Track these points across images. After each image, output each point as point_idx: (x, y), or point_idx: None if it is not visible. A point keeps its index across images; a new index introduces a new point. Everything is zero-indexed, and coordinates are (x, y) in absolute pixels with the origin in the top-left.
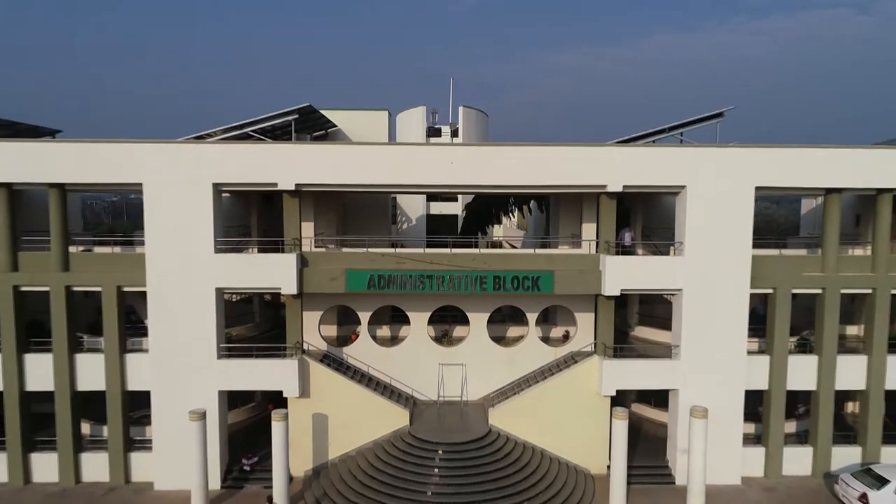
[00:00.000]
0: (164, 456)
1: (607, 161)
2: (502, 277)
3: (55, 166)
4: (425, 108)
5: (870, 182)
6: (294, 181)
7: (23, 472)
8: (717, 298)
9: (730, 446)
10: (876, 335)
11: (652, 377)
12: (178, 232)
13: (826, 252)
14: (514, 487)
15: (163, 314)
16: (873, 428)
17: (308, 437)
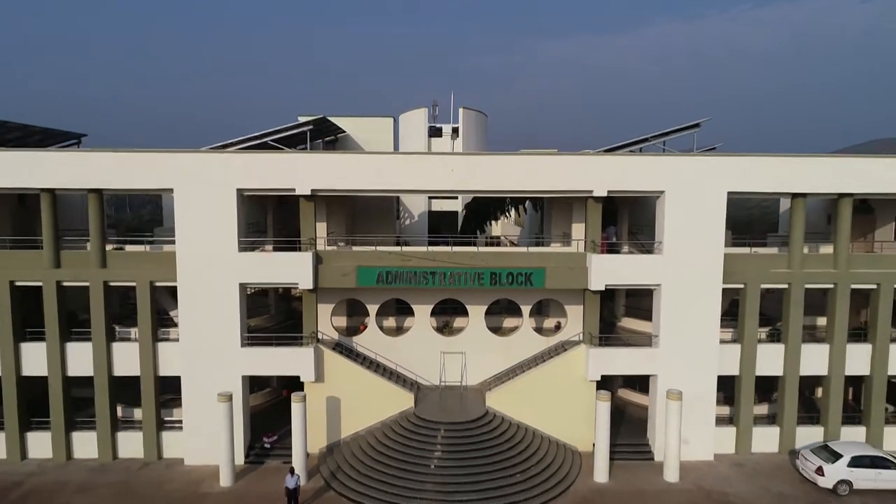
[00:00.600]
0: (193, 434)
1: (593, 169)
2: (498, 273)
3: (95, 173)
4: (427, 110)
5: (830, 188)
6: (310, 187)
7: (66, 449)
8: (692, 293)
9: (703, 426)
10: (837, 326)
11: (633, 364)
12: (206, 232)
13: (792, 251)
14: (508, 462)
15: (192, 307)
16: (834, 410)
17: (322, 417)
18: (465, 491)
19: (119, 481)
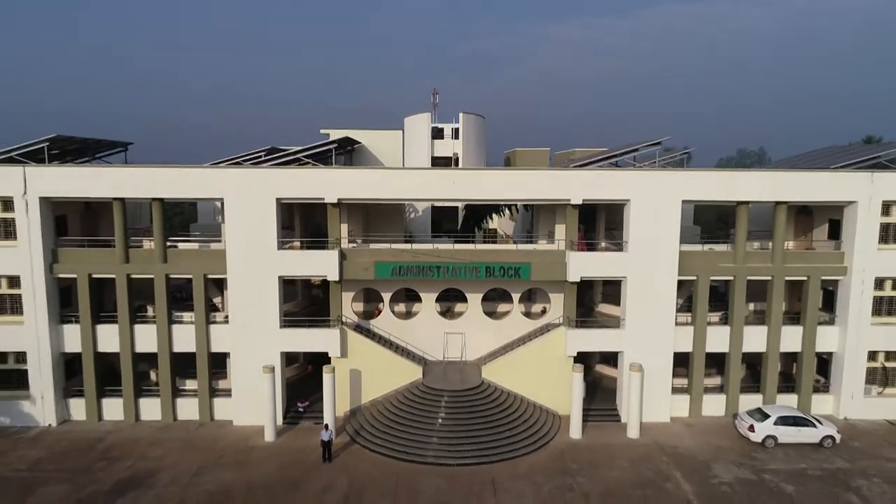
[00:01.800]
0: (241, 400)
1: (570, 182)
2: (492, 267)
3: (159, 185)
4: (429, 114)
5: (768, 197)
6: (336, 196)
7: (134, 412)
8: (653, 284)
9: (661, 394)
10: (773, 311)
11: (603, 342)
12: (250, 234)
13: (737, 248)
14: (500, 422)
15: (239, 295)
16: (770, 381)
17: (346, 386)
18: (464, 444)
19: (181, 437)
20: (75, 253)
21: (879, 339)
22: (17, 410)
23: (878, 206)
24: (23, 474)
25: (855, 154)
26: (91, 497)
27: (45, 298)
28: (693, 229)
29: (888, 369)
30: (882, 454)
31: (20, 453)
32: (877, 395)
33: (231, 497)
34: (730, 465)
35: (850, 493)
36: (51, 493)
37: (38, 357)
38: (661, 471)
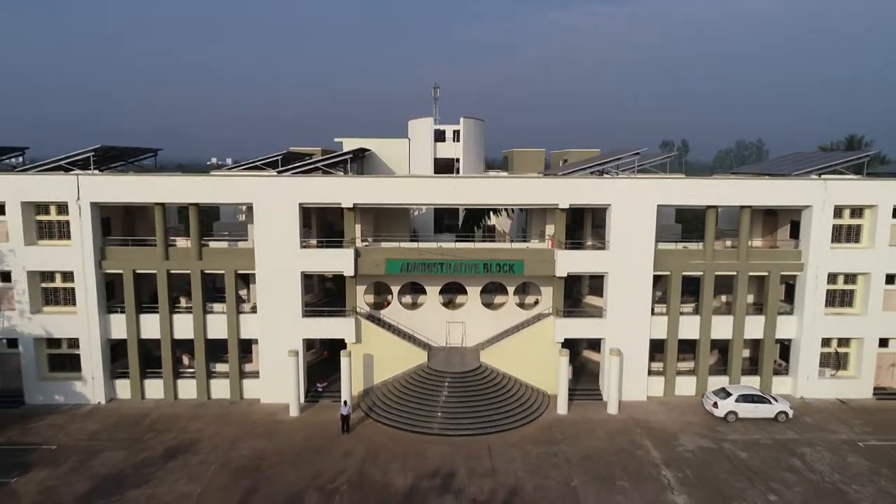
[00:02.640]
0: (267, 380)
1: (558, 188)
2: (489, 264)
3: (195, 192)
4: (432, 119)
5: (733, 202)
6: (352, 201)
7: (173, 391)
8: (631, 278)
9: (638, 376)
10: (738, 302)
11: (587, 330)
12: (276, 235)
13: (706, 247)
14: (495, 399)
15: (267, 288)
16: (735, 364)
17: (360, 368)
18: (465, 419)
19: (216, 413)
20: (121, 251)
21: (832, 327)
22: (70, 390)
23: (831, 209)
24: (84, 443)
25: (815, 161)
26: (145, 461)
27: (95, 291)
28: (674, 227)
29: (840, 354)
30: (829, 427)
31: (77, 426)
32: (829, 377)
33: (266, 460)
34: (694, 437)
35: (794, 458)
36: (111, 457)
37: (88, 343)
38: (634, 441)
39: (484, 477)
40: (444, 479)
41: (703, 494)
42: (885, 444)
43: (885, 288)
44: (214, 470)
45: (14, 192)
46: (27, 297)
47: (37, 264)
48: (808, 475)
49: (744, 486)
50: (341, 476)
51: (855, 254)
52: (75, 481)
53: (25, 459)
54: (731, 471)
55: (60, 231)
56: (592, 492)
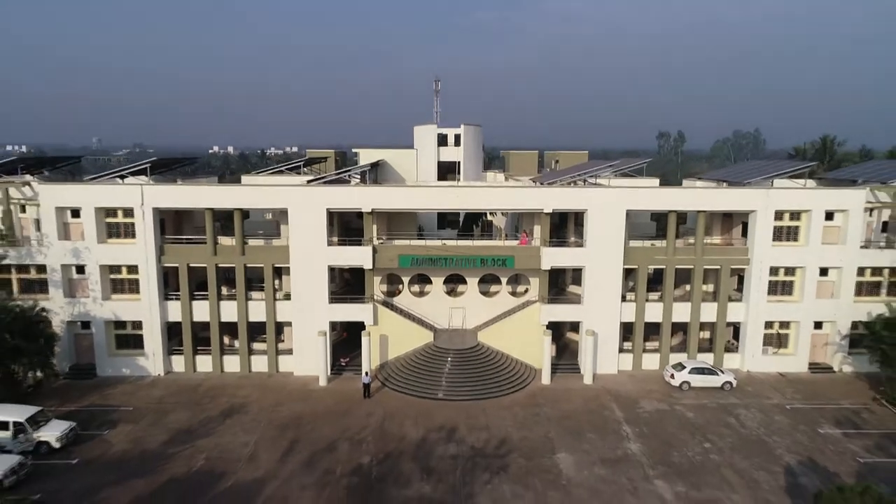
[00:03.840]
0: (300, 357)
1: (542, 196)
2: (486, 258)
3: (239, 198)
4: (435, 126)
5: (691, 207)
6: (371, 207)
7: (220, 366)
8: (604, 271)
9: (610, 352)
10: (694, 291)
11: (568, 314)
12: (308, 234)
13: (668, 245)
14: (490, 371)
15: (299, 279)
16: (692, 343)
17: (377, 346)
18: (464, 387)
19: (257, 384)
20: (177, 248)
21: (774, 312)
22: (134, 364)
23: (772, 213)
24: (154, 406)
25: (769, 170)
26: (207, 419)
27: (155, 282)
28: (649, 225)
29: (780, 335)
30: (765, 395)
31: (145, 393)
32: (772, 354)
33: (304, 419)
34: (653, 401)
35: (731, 417)
36: (179, 416)
37: (150, 324)
38: (603, 405)
39: (480, 430)
40: (448, 433)
41: (654, 443)
42: (808, 407)
43: (818, 279)
44: (263, 425)
45: (89, 199)
46: (99, 287)
47: (107, 259)
48: (739, 430)
49: (686, 438)
50: (366, 430)
51: (793, 250)
52: (155, 433)
53: (111, 418)
54: (678, 427)
55: (126, 231)
56: (565, 441)
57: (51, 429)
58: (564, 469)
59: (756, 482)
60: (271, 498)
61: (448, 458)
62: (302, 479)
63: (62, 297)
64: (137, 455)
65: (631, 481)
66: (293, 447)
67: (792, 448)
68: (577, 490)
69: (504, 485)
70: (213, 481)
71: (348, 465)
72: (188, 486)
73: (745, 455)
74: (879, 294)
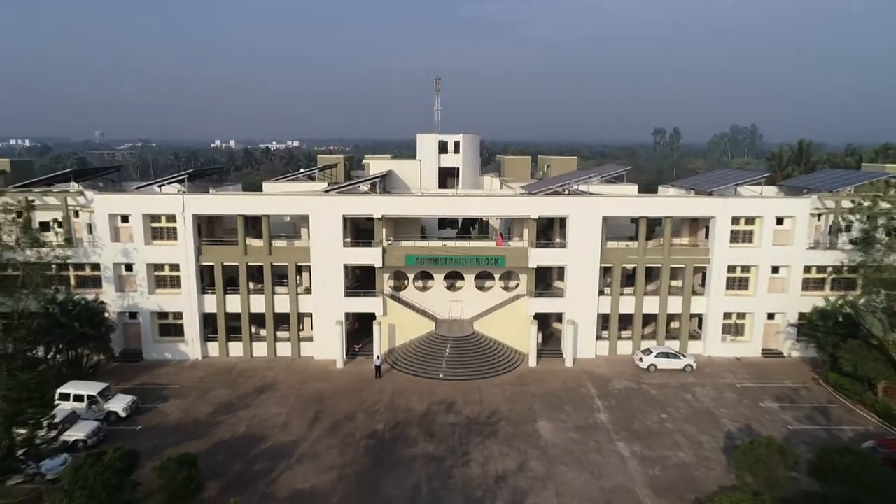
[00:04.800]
0: (320, 343)
1: (529, 204)
2: (481, 258)
3: (266, 206)
4: (437, 136)
5: (658, 214)
6: (381, 213)
7: (249, 351)
8: (583, 268)
9: (589, 339)
10: (662, 287)
11: (552, 306)
12: (327, 237)
13: (639, 246)
14: (485, 356)
15: (319, 276)
16: (660, 331)
17: (386, 334)
18: (462, 369)
19: (283, 366)
20: (213, 249)
21: (731, 305)
22: (175, 349)
23: (729, 219)
24: (196, 384)
25: (732, 179)
26: (244, 395)
27: (194, 278)
28: (629, 227)
29: (737, 324)
30: (720, 376)
31: (187, 374)
32: (729, 341)
33: (326, 394)
34: (623, 381)
35: (687, 394)
36: (219, 392)
37: (189, 315)
38: (580, 383)
39: (474, 404)
40: (447, 406)
41: (619, 414)
42: (755, 385)
43: (770, 276)
44: (292, 400)
45: (137, 207)
46: (145, 282)
47: (152, 258)
48: (693, 403)
49: (647, 410)
50: (379, 403)
51: (748, 251)
52: (201, 406)
53: (162, 394)
54: (642, 401)
55: (169, 234)
56: (546, 413)
57: (117, 401)
58: (543, 434)
59: (700, 443)
60: (304, 454)
61: (447, 426)
62: (328, 441)
63: (114, 292)
64: (189, 423)
65: (597, 443)
66: (318, 417)
67: (734, 418)
68: (552, 450)
69: (493, 445)
70: (255, 443)
71: (365, 430)
72: (235, 446)
73: (695, 423)
74: (823, 289)
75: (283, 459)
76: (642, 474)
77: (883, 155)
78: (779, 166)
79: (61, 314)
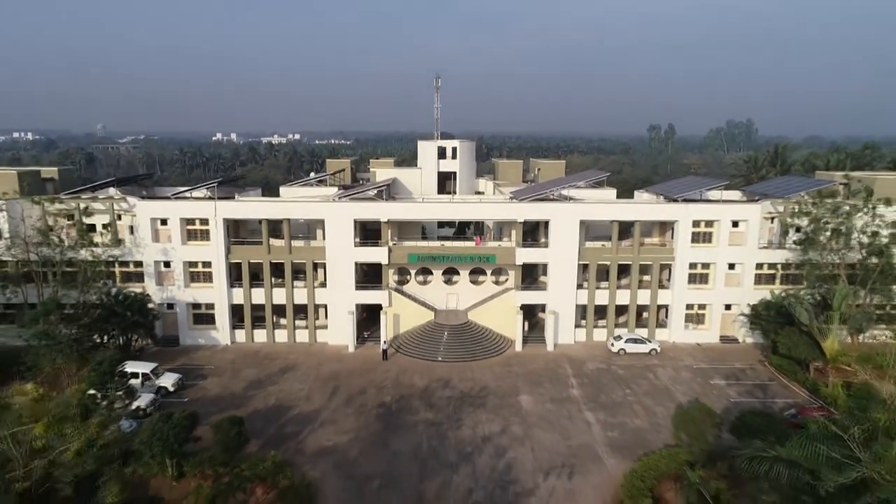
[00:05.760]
0: (334, 330)
1: (515, 209)
2: (474, 256)
3: (290, 211)
4: (436, 142)
5: (629, 218)
6: (388, 217)
7: (272, 337)
8: (564, 265)
9: (568, 327)
10: (633, 282)
11: (536, 298)
12: (340, 238)
13: (613, 245)
14: (477, 341)
15: (333, 272)
16: (631, 320)
17: (391, 322)
18: (457, 352)
19: (302, 350)
20: (241, 248)
21: (692, 297)
22: (208, 335)
23: (691, 222)
24: (228, 365)
25: (699, 185)
26: (270, 374)
27: (224, 274)
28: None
29: (698, 314)
30: (680, 359)
31: (220, 356)
32: (691, 329)
33: (341, 374)
34: (596, 363)
35: (650, 373)
36: (249, 372)
37: (220, 305)
38: (559, 364)
39: (467, 381)
40: (444, 382)
41: (590, 390)
42: (709, 367)
43: (726, 272)
44: (312, 378)
45: (174, 212)
46: (181, 277)
47: (187, 256)
48: (653, 381)
49: (614, 386)
50: (386, 381)
51: (707, 250)
52: (235, 383)
53: (201, 373)
54: (610, 379)
55: (202, 235)
56: (528, 388)
57: (166, 378)
58: (524, 405)
59: (654, 412)
60: (326, 420)
61: (444, 398)
62: (344, 411)
63: (154, 285)
64: (227, 396)
65: (568, 412)
66: (335, 391)
67: (686, 393)
68: (531, 417)
69: (482, 414)
70: (284, 411)
71: (375, 401)
72: (268, 414)
73: (652, 397)
74: (774, 283)
75: (308, 424)
76: (603, 436)
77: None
78: (754, 168)
79: (116, 305)
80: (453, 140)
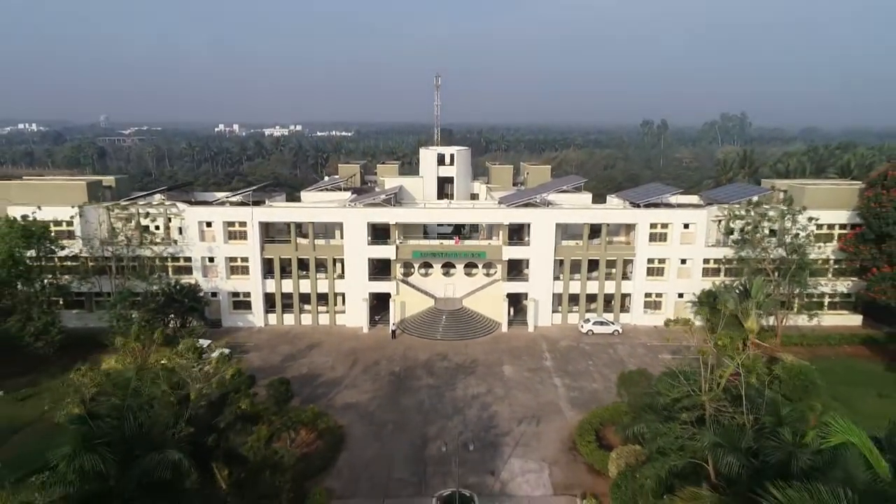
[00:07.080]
0: (350, 314)
1: (502, 214)
2: (468, 253)
3: (308, 215)
4: (436, 149)
5: (597, 221)
6: (396, 220)
7: (298, 320)
8: (542, 260)
9: (546, 313)
10: (601, 274)
11: (520, 288)
12: (356, 238)
13: (584, 244)
14: (469, 322)
15: (350, 266)
16: (600, 305)
17: (399, 308)
18: (453, 332)
19: (324, 331)
20: (273, 246)
21: (650, 287)
22: (245, 319)
23: (648, 225)
24: (265, 343)
25: (660, 192)
26: (299, 350)
27: (259, 267)
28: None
29: (656, 301)
30: (638, 338)
31: (256, 336)
32: (650, 313)
33: (358, 349)
34: (568, 341)
35: (610, 349)
36: (283, 348)
37: (255, 294)
38: (537, 342)
39: (462, 355)
40: (443, 356)
41: (560, 362)
42: (661, 344)
43: (679, 266)
44: (334, 353)
45: (218, 216)
46: (224, 271)
47: (229, 253)
48: (612, 355)
49: (580, 359)
50: (395, 355)
51: (662, 248)
52: (273, 357)
53: (244, 349)
54: (578, 354)
55: (241, 236)
56: (510, 360)
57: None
58: (506, 373)
59: (609, 379)
60: (348, 384)
61: (443, 368)
62: (363, 377)
63: (201, 277)
64: (268, 367)
65: (542, 379)
66: (354, 363)
67: (637, 364)
68: (510, 382)
69: (472, 380)
70: (315, 377)
71: (387, 370)
72: (302, 379)
73: (610, 367)
74: (719, 275)
75: (335, 387)
76: (566, 396)
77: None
78: (724, 170)
79: (175, 294)
80: (451, 147)
